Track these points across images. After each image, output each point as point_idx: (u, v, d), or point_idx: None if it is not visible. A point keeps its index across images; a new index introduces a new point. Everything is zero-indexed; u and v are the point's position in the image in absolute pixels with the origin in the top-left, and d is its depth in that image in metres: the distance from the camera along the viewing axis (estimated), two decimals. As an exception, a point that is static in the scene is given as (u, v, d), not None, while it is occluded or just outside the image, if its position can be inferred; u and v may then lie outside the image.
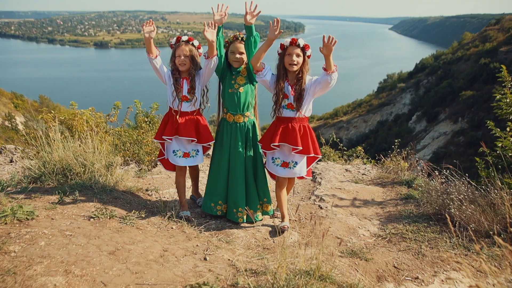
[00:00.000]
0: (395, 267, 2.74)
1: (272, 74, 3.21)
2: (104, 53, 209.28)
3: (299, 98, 3.09)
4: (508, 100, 4.58)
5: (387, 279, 2.59)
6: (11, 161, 7.27)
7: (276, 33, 2.98)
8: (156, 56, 3.35)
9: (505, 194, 3.11)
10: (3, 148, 7.98)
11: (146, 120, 6.86)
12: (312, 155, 3.16)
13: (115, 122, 6.82)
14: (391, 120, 63.58)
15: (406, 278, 2.61)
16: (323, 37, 2.88)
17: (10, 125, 33.37)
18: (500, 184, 3.31)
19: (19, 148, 7.71)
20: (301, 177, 3.37)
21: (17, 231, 2.65)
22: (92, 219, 3.00)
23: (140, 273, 2.30)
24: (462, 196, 3.28)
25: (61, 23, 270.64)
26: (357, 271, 2.63)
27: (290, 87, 3.12)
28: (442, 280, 2.60)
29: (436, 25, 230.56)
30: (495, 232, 2.88)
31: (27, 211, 2.94)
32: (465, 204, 3.16)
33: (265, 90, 3.31)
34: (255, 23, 3.27)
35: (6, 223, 2.73)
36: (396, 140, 6.30)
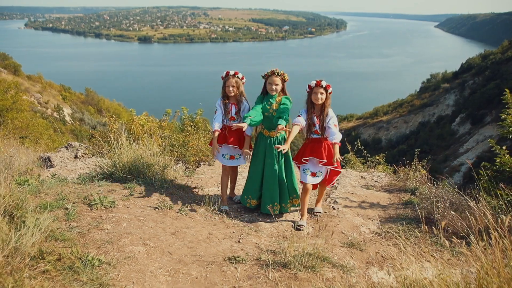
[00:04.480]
0: (382, 256, 3.58)
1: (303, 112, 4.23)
2: (147, 47, 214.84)
3: (323, 126, 4.11)
4: (509, 121, 5.25)
5: (374, 264, 3.43)
6: (76, 156, 8.54)
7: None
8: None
9: (481, 206, 3.84)
10: (69, 144, 9.29)
11: (191, 124, 7.93)
12: (335, 166, 4.19)
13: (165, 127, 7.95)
14: (433, 122, 61.79)
15: (388, 265, 3.44)
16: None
17: (58, 116, 35.67)
18: (484, 195, 4.04)
19: (82, 145, 9.00)
20: (324, 184, 4.43)
21: (106, 215, 3.71)
22: (156, 209, 4.04)
23: (193, 248, 3.30)
24: (447, 204, 4.04)
25: (108, 18, 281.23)
26: (352, 257, 3.50)
27: (315, 117, 4.13)
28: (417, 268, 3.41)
29: (486, 23, 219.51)
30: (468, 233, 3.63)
31: (110, 201, 4.01)
32: (446, 210, 3.93)
33: None
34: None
35: (97, 209, 3.80)
36: (416, 150, 6.97)
